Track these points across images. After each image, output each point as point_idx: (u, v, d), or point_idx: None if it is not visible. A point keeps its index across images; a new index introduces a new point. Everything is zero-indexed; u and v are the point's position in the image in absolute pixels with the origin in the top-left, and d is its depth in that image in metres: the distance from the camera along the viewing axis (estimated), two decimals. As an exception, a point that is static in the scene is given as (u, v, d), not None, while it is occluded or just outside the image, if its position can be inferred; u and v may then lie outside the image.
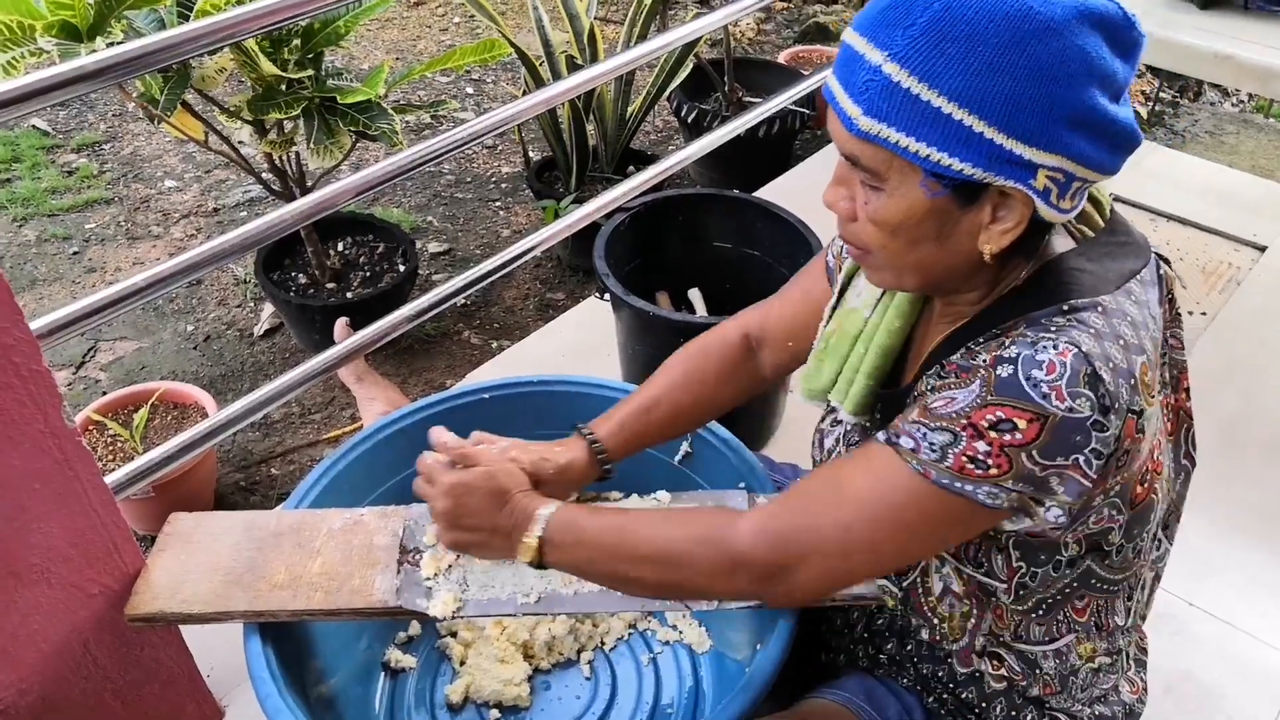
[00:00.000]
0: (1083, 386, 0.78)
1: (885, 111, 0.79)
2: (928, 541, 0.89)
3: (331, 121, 2.05)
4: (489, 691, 1.32)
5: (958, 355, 0.87)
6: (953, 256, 0.86)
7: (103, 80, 1.24)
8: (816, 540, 0.88)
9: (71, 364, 2.56)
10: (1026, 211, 0.82)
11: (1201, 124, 3.77)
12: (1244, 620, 1.65)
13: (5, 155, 3.34)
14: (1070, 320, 0.83)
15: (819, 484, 0.91)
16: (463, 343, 2.66)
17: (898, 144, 0.80)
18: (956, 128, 0.78)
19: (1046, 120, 0.77)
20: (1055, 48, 0.76)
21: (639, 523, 0.97)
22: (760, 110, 2.41)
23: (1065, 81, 0.76)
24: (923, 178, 0.81)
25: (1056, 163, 0.79)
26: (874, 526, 0.86)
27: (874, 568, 0.92)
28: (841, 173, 0.89)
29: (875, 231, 0.87)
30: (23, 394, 0.99)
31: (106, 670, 1.23)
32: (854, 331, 1.04)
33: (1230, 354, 2.21)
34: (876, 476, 0.86)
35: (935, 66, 0.77)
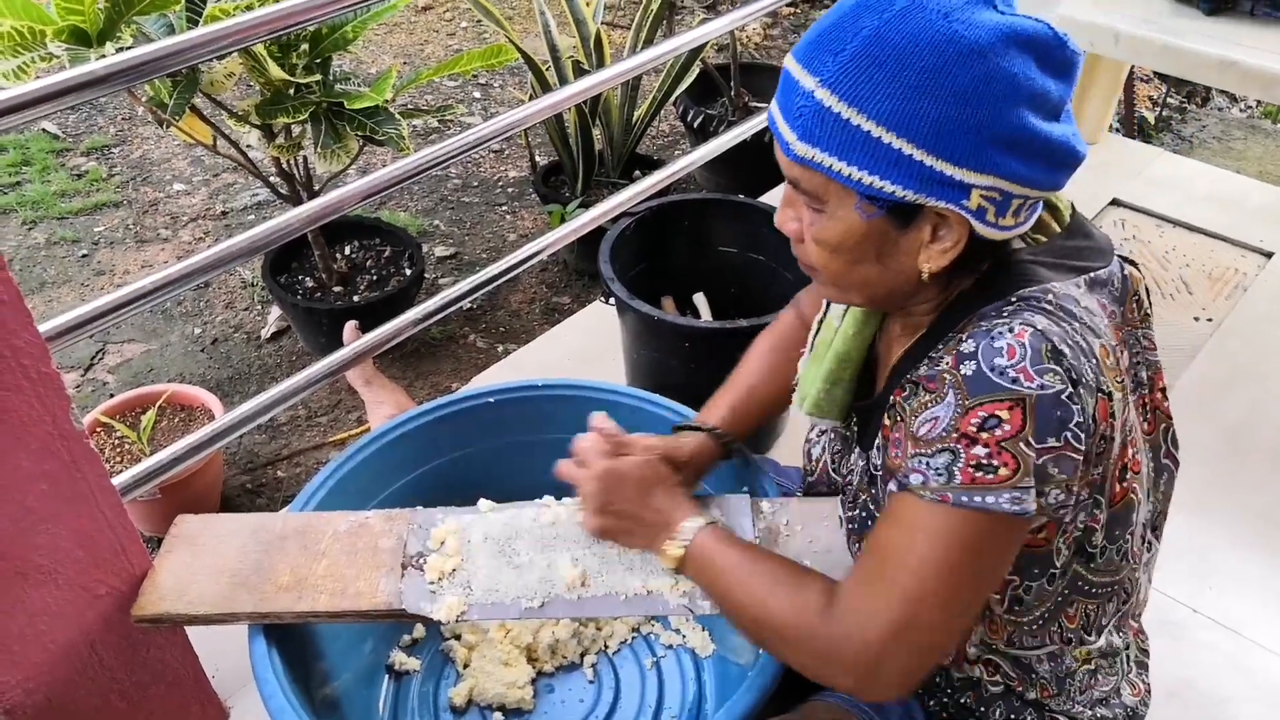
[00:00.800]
0: (1047, 361, 0.79)
1: (818, 136, 0.82)
2: (983, 576, 0.86)
3: (339, 126, 2.06)
4: (492, 694, 1.32)
5: (924, 366, 0.88)
6: (894, 275, 0.88)
7: (112, 85, 1.25)
8: (896, 623, 0.84)
9: (80, 366, 2.57)
10: (964, 231, 0.83)
11: (1209, 130, 3.77)
12: (1248, 627, 1.65)
13: (15, 158, 3.36)
14: (1020, 306, 0.84)
15: (866, 558, 0.89)
16: (468, 346, 2.67)
17: (830, 168, 0.82)
18: (886, 151, 0.79)
19: (974, 141, 0.78)
20: (979, 71, 0.77)
21: (758, 577, 0.96)
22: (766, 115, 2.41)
23: (991, 103, 0.77)
24: (857, 200, 0.83)
25: (990, 182, 0.80)
26: (931, 580, 0.83)
27: (950, 626, 0.86)
28: (789, 194, 0.91)
29: (819, 251, 0.89)
30: (31, 396, 0.99)
31: (113, 671, 1.23)
32: (827, 339, 1.07)
33: (1236, 360, 2.20)
34: (910, 531, 0.84)
35: (863, 92, 0.79)
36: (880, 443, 0.97)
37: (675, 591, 1.10)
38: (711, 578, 1.00)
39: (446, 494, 1.29)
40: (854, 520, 1.03)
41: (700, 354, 1.76)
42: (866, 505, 1.00)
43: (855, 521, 1.03)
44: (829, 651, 0.88)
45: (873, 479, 0.99)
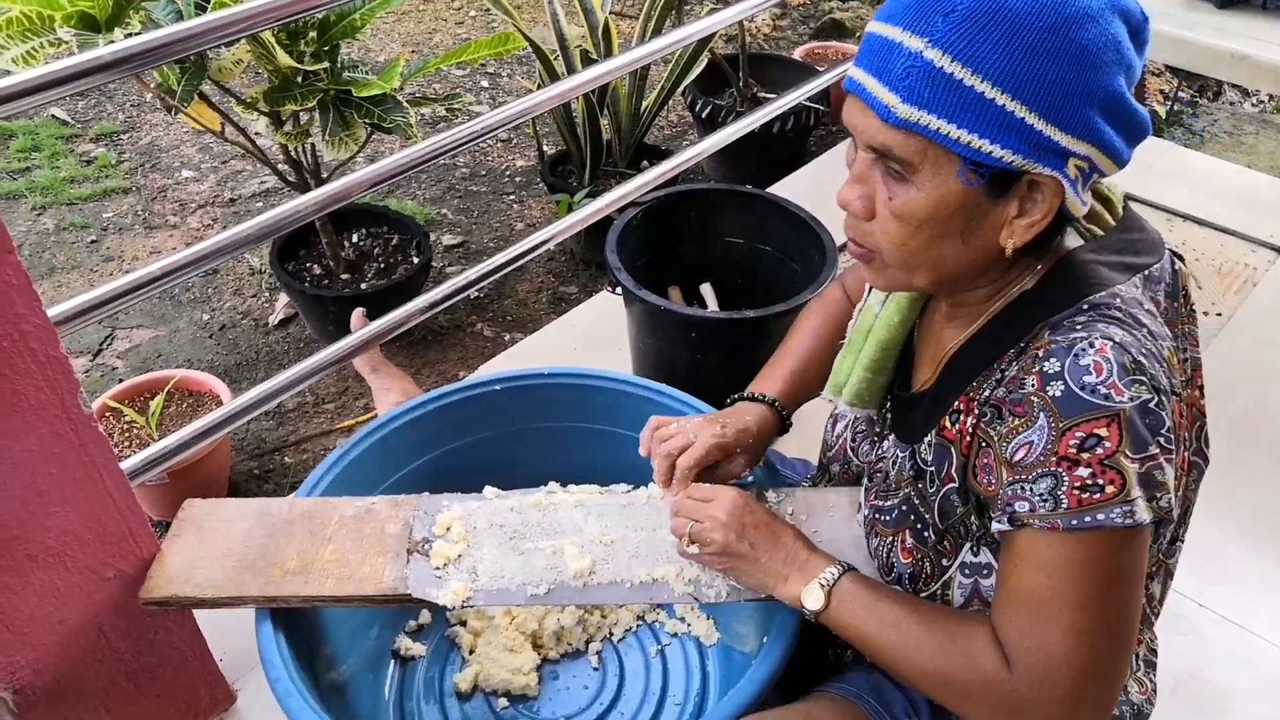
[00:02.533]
0: (1131, 374, 0.79)
1: (927, 98, 0.79)
2: (1126, 592, 0.83)
3: (347, 114, 2.06)
4: (498, 680, 1.33)
5: (1000, 388, 0.86)
6: (973, 252, 0.86)
7: (120, 71, 1.25)
8: (1072, 661, 0.82)
9: (89, 351, 2.58)
10: (1055, 203, 0.82)
11: (1220, 124, 3.75)
12: (1254, 622, 1.64)
13: (25, 144, 3.37)
14: (1093, 316, 0.83)
15: (1013, 610, 0.85)
16: (475, 335, 2.67)
17: (938, 131, 0.79)
18: (999, 113, 0.78)
19: (1084, 106, 0.78)
20: (1094, 33, 0.76)
21: (912, 626, 0.92)
22: (775, 106, 2.41)
23: (1102, 68, 0.77)
24: (960, 166, 0.81)
25: (1086, 151, 0.80)
26: (1086, 611, 0.81)
27: (1121, 648, 0.84)
28: (861, 170, 0.87)
29: (898, 228, 0.85)
30: (40, 380, 1.00)
31: (121, 653, 1.24)
32: (866, 327, 1.05)
33: (1245, 355, 2.20)
34: (1043, 569, 0.82)
35: (979, 51, 0.77)
36: (934, 440, 0.95)
37: (681, 580, 1.11)
38: (860, 624, 0.96)
39: (453, 481, 1.29)
40: (886, 512, 1.02)
41: (706, 344, 1.76)
42: (910, 500, 0.99)
43: (888, 514, 1.02)
44: (1024, 708, 0.85)
45: (920, 474, 0.98)
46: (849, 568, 0.99)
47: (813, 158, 3.07)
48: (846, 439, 1.15)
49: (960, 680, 0.88)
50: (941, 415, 0.94)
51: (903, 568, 1.00)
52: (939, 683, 0.91)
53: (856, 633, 0.96)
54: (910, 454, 1.00)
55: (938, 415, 0.95)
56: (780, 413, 1.19)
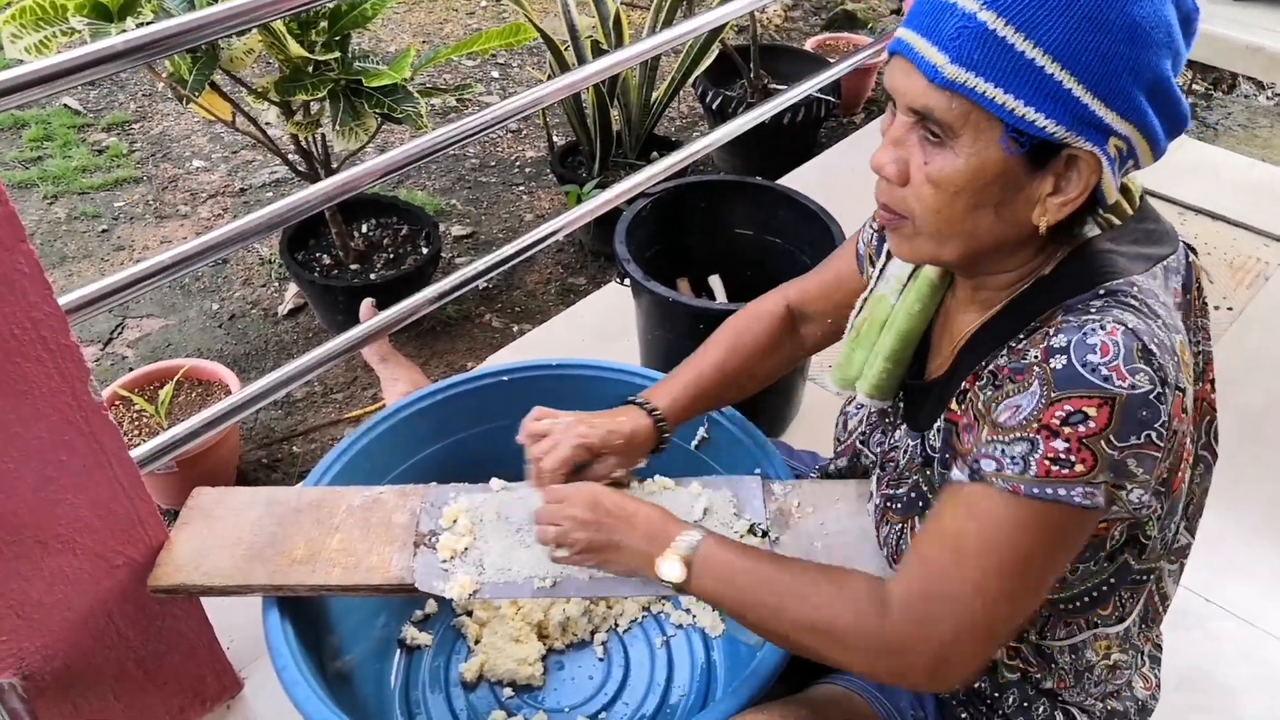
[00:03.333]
0: (1139, 362, 0.78)
1: (976, 60, 0.78)
2: (1048, 566, 0.85)
3: (357, 104, 2.06)
4: (503, 670, 1.33)
5: (1004, 357, 0.86)
6: (1006, 226, 0.85)
7: (132, 60, 1.26)
8: (961, 613, 0.83)
9: (100, 340, 2.60)
10: (1092, 180, 0.81)
11: (1235, 117, 3.72)
12: (1261, 618, 1.64)
13: (37, 134, 3.38)
14: (1109, 301, 0.83)
15: (932, 548, 0.86)
16: (484, 326, 2.67)
17: (984, 95, 0.78)
18: (1047, 82, 0.77)
19: (1131, 84, 0.77)
20: (1148, 11, 0.76)
21: (787, 579, 0.93)
22: (785, 97, 2.40)
23: (1153, 47, 0.77)
24: (1002, 133, 0.80)
25: (1127, 131, 0.79)
26: (1001, 573, 0.82)
27: (1015, 616, 0.86)
28: (898, 133, 0.85)
29: (933, 194, 0.84)
30: (51, 367, 1.01)
31: (129, 639, 1.25)
32: (881, 318, 1.04)
33: (1256, 349, 2.19)
34: (980, 520, 0.83)
35: (1035, 16, 0.76)
36: (942, 425, 0.95)
37: (686, 571, 1.11)
38: (726, 587, 0.95)
39: (460, 471, 1.30)
40: (896, 500, 1.02)
41: (715, 336, 1.76)
42: (919, 486, 0.99)
43: (898, 501, 1.01)
44: (898, 649, 0.86)
45: (928, 460, 0.98)
46: (707, 533, 0.99)
47: (823, 150, 3.06)
48: (860, 433, 1.15)
49: (836, 626, 0.89)
50: (951, 399, 0.94)
51: None
52: (813, 632, 0.90)
53: (723, 597, 0.96)
54: (920, 441, 1.00)
55: (947, 400, 0.95)
56: (658, 423, 1.17)
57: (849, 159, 2.92)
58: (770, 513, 1.18)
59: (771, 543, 1.14)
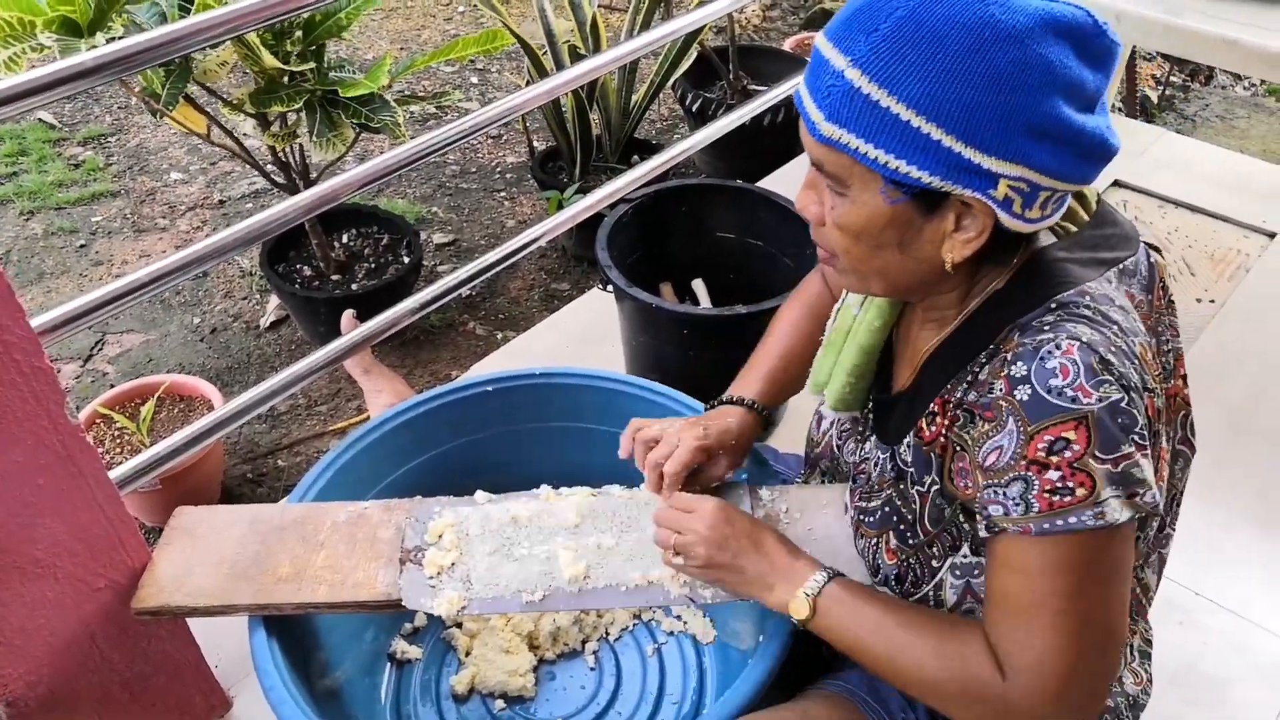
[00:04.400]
0: (1101, 374, 0.78)
1: (845, 117, 0.80)
2: (1115, 585, 0.84)
3: (334, 114, 2.05)
4: (494, 682, 1.32)
5: (971, 390, 0.86)
6: (916, 264, 0.87)
7: (103, 76, 1.24)
8: (1057, 663, 0.82)
9: (79, 357, 2.57)
10: (989, 222, 0.81)
11: (1212, 108, 3.74)
12: (1251, 610, 1.64)
13: (12, 149, 3.35)
14: (1060, 316, 0.83)
15: (998, 614, 0.86)
16: (468, 334, 2.66)
17: (857, 150, 0.80)
18: (914, 135, 0.78)
19: (1005, 129, 0.76)
20: (1015, 56, 0.75)
21: (901, 631, 0.92)
22: (765, 99, 2.40)
23: (1025, 91, 0.76)
24: (882, 185, 0.82)
25: (1018, 173, 0.78)
26: (1078, 613, 0.82)
27: (1111, 641, 0.85)
28: (811, 177, 0.89)
29: (839, 236, 0.87)
30: (25, 391, 0.99)
31: (114, 663, 1.24)
32: (845, 328, 1.05)
33: (1238, 342, 2.20)
34: (1023, 574, 0.82)
35: (895, 73, 0.77)
36: (912, 442, 0.95)
37: (676, 581, 1.10)
38: (846, 633, 0.95)
39: (446, 483, 1.29)
40: (871, 513, 1.02)
41: (699, 341, 1.76)
42: (893, 501, 0.99)
43: (871, 515, 1.02)
44: (1016, 711, 0.85)
45: (901, 475, 0.98)
46: (835, 573, 0.99)
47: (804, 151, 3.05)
48: (832, 436, 1.15)
49: (953, 687, 0.88)
50: (918, 417, 0.94)
51: (888, 569, 1.00)
52: (930, 689, 0.91)
53: (843, 639, 0.96)
54: (891, 455, 1.00)
55: (915, 417, 0.95)
56: (761, 414, 1.18)
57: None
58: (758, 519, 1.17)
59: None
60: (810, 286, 1.26)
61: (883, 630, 0.93)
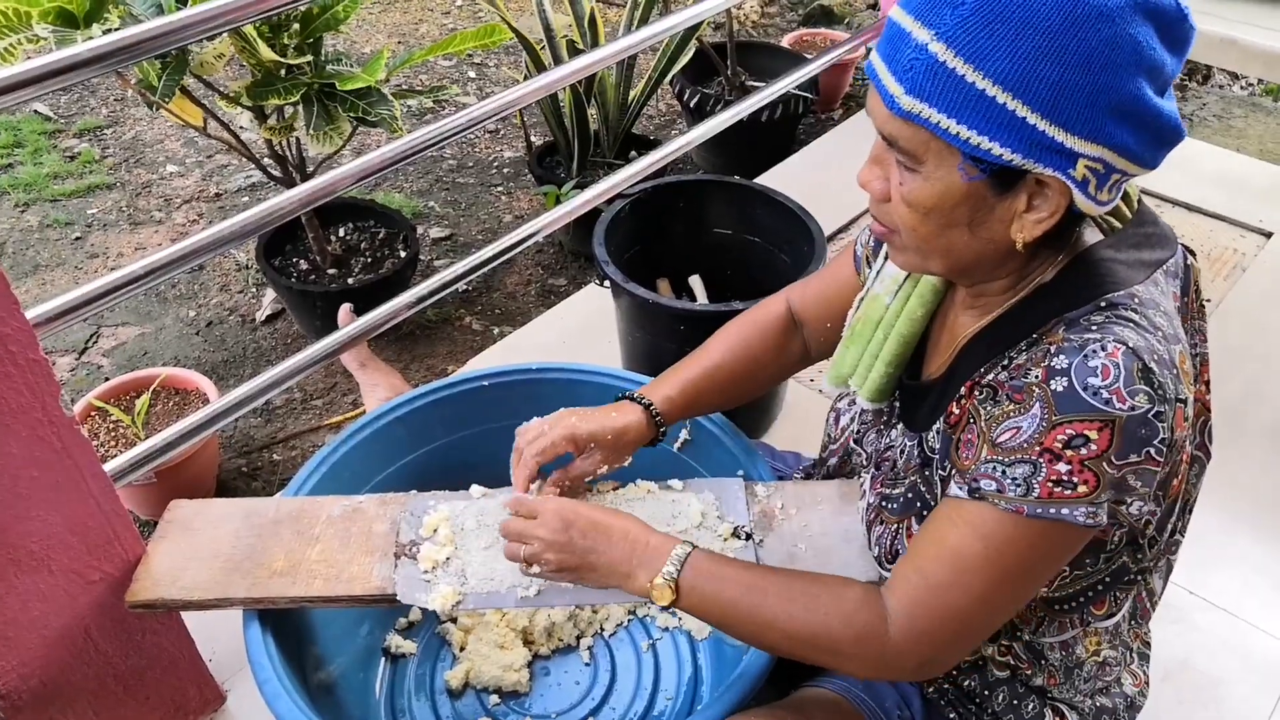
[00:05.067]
0: (1138, 383, 0.78)
1: (928, 91, 0.78)
2: (1044, 573, 0.88)
3: (331, 108, 2.04)
4: (489, 677, 1.32)
5: (1004, 372, 0.87)
6: (983, 244, 0.86)
7: (99, 68, 1.24)
8: (961, 624, 0.87)
9: (74, 349, 2.56)
10: (1063, 201, 0.81)
11: (1210, 108, 3.74)
12: (1245, 609, 1.65)
13: (7, 140, 3.34)
14: (1109, 316, 0.83)
15: (933, 563, 0.87)
16: (464, 329, 2.66)
17: (938, 125, 0.79)
18: (999, 112, 0.77)
19: (1092, 109, 0.76)
20: (1107, 35, 0.74)
21: (776, 591, 0.93)
22: (763, 94, 2.40)
23: (1114, 70, 0.75)
24: (961, 161, 0.80)
25: (1097, 153, 0.78)
26: (1003, 586, 0.85)
27: (1008, 617, 0.92)
28: (878, 152, 0.87)
29: (908, 213, 0.86)
30: (19, 383, 0.99)
31: (108, 655, 1.23)
32: (875, 318, 1.04)
33: (1235, 341, 2.20)
34: (985, 538, 0.84)
35: (983, 48, 0.76)
36: (941, 428, 0.95)
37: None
38: (714, 604, 0.95)
39: (441, 477, 1.29)
40: (892, 500, 1.01)
41: (695, 337, 1.73)
42: (916, 487, 0.99)
43: (894, 501, 1.01)
44: (895, 656, 0.89)
45: (927, 461, 0.98)
46: (693, 548, 0.98)
47: (802, 146, 3.06)
48: (852, 431, 1.14)
49: (835, 639, 0.90)
50: (950, 402, 0.94)
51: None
52: (808, 644, 0.92)
53: (712, 613, 0.96)
54: (918, 442, 1.00)
55: (946, 403, 0.95)
56: (656, 423, 1.16)
57: (827, 155, 2.92)
58: (753, 515, 1.17)
59: (756, 545, 1.14)
60: (768, 310, 1.24)
61: (751, 594, 0.93)
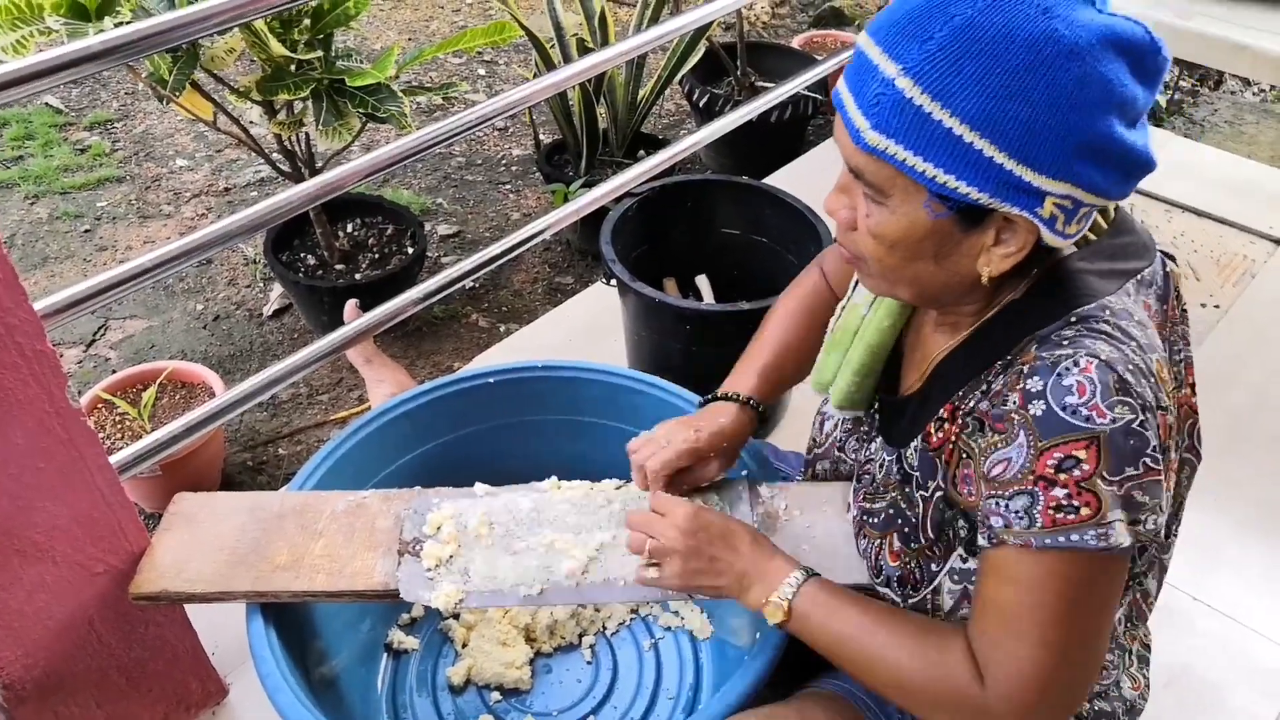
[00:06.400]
0: (1115, 395, 0.77)
1: (894, 128, 0.77)
2: (1105, 605, 0.85)
3: (340, 103, 2.04)
4: (490, 674, 1.33)
5: (983, 400, 0.86)
6: (949, 275, 0.85)
7: (110, 60, 1.24)
8: (1043, 677, 0.83)
9: (82, 342, 2.57)
10: (1030, 238, 0.80)
11: (1221, 113, 3.73)
12: (1248, 615, 1.64)
13: (18, 133, 3.35)
14: (1080, 330, 0.82)
15: (992, 623, 0.85)
16: (470, 325, 2.66)
17: (904, 162, 0.78)
18: (967, 151, 0.75)
19: (1061, 149, 0.75)
20: (1076, 74, 0.73)
21: (879, 633, 0.92)
22: (773, 95, 2.40)
23: (1083, 110, 0.74)
24: (927, 198, 0.80)
25: (1065, 191, 0.77)
26: (1058, 625, 0.82)
27: (1091, 660, 0.86)
28: (844, 181, 0.87)
29: (873, 244, 0.85)
30: (26, 373, 0.99)
31: (112, 647, 1.24)
32: (853, 327, 1.04)
33: (1242, 347, 2.19)
34: (1017, 584, 0.82)
35: (950, 86, 0.74)
36: (919, 446, 0.95)
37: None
38: (821, 635, 0.95)
39: (446, 474, 1.29)
40: (876, 514, 1.01)
41: (701, 336, 1.76)
42: (897, 503, 0.98)
43: (875, 516, 1.01)
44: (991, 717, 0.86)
45: (906, 478, 0.97)
46: (811, 573, 0.98)
47: (811, 147, 3.05)
48: (835, 438, 1.14)
49: (931, 690, 0.88)
50: (927, 421, 0.94)
51: (891, 570, 1.00)
52: (907, 692, 0.91)
53: (819, 641, 0.96)
54: (897, 458, 0.99)
55: (923, 421, 0.94)
56: (756, 411, 1.17)
57: (836, 157, 2.91)
58: (758, 516, 1.17)
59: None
60: (807, 281, 1.24)
61: (861, 633, 0.92)
